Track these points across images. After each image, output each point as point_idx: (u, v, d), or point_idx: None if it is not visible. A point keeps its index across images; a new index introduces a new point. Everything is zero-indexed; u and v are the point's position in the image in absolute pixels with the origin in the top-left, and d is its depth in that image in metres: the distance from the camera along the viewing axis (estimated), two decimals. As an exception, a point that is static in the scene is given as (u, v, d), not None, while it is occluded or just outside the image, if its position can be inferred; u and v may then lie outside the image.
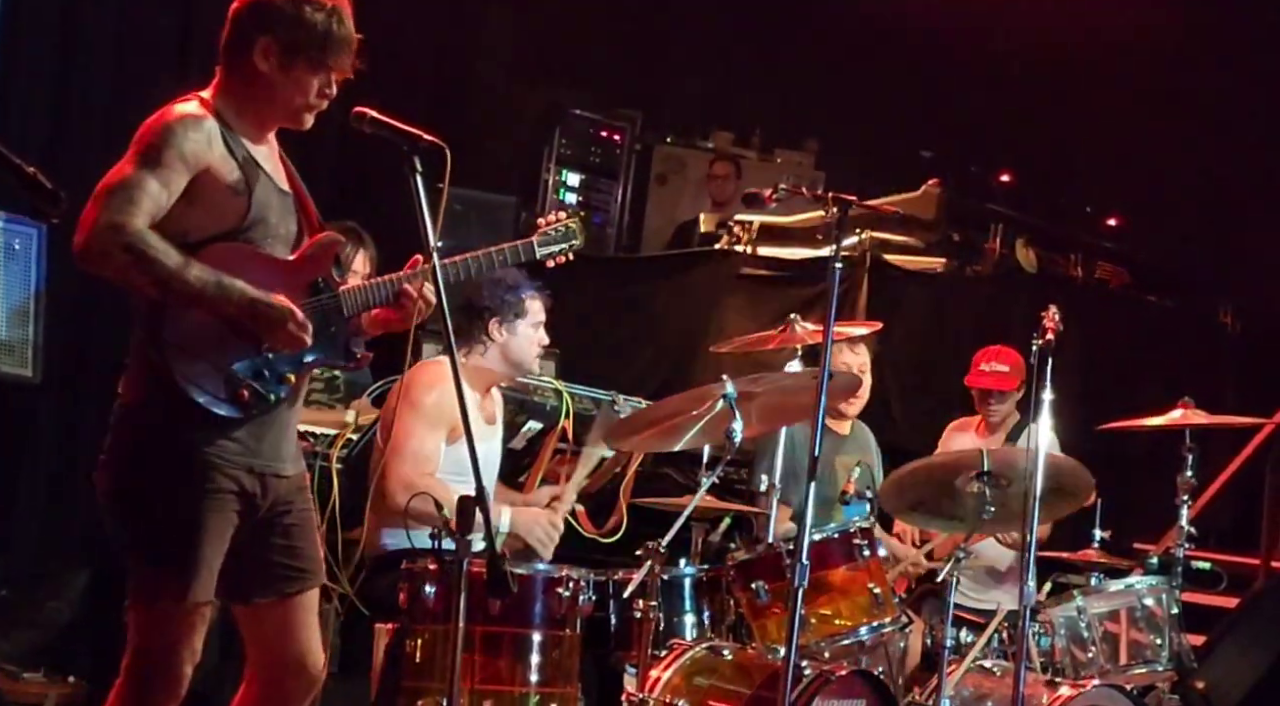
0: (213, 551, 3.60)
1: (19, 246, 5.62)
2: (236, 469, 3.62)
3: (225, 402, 3.56)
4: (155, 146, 3.55)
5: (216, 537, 3.60)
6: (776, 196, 4.79)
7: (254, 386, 3.57)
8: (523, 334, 5.22)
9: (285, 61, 3.64)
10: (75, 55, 7.07)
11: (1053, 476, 4.93)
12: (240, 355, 3.57)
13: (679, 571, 4.98)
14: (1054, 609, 5.57)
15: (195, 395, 3.53)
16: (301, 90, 3.67)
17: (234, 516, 3.64)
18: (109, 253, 3.48)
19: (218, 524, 3.60)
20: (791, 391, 4.91)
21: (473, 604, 4.05)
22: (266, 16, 3.65)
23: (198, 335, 3.54)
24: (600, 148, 9.92)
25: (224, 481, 3.60)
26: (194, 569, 3.56)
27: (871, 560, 4.94)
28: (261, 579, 3.76)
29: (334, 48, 3.65)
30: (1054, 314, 4.88)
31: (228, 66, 3.70)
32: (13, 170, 2.53)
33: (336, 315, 3.74)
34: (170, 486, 3.57)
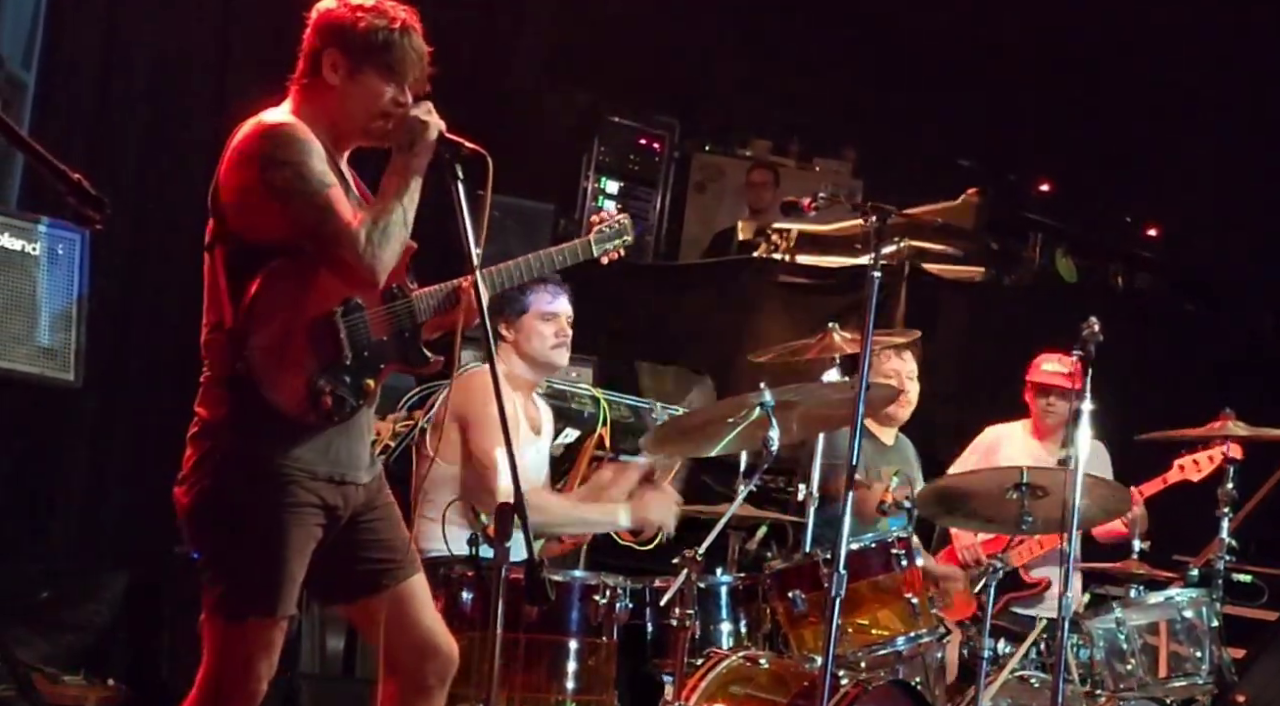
0: (295, 566, 3.61)
1: (62, 252, 5.65)
2: (317, 480, 3.63)
3: (308, 411, 3.57)
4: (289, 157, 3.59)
5: (298, 552, 3.61)
6: (815, 205, 4.80)
7: (336, 394, 3.59)
8: (530, 328, 5.15)
9: (353, 69, 3.68)
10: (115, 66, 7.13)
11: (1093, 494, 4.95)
12: (322, 363, 3.59)
13: (716, 579, 4.97)
14: (1093, 621, 5.54)
15: (280, 403, 3.54)
16: (373, 98, 3.69)
17: (317, 530, 3.65)
18: (376, 259, 3.57)
19: (300, 538, 3.61)
20: (829, 401, 4.90)
21: (509, 610, 4.07)
22: (332, 30, 3.70)
23: (282, 344, 3.56)
24: (639, 155, 9.93)
25: (305, 495, 3.61)
26: (277, 584, 3.57)
27: (909, 570, 4.92)
28: (359, 579, 3.78)
29: (400, 55, 3.68)
30: (1094, 324, 4.86)
31: (302, 83, 3.75)
32: (59, 176, 2.55)
33: (410, 320, 3.77)
34: (252, 502, 3.58)
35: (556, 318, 5.19)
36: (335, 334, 3.61)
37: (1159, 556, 6.11)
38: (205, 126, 7.16)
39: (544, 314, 5.15)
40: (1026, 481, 5.08)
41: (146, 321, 6.89)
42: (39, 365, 5.58)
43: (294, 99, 3.75)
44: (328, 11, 3.74)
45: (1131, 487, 5.76)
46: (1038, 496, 5.10)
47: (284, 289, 3.58)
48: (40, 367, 5.57)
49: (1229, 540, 5.82)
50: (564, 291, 5.24)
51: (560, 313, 5.20)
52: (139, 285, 6.91)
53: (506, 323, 5.16)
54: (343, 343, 3.61)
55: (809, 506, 5.26)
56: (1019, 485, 5.09)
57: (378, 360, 3.69)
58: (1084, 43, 9.85)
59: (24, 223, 5.62)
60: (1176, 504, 6.40)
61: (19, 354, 5.53)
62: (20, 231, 5.58)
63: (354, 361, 3.63)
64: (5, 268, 5.53)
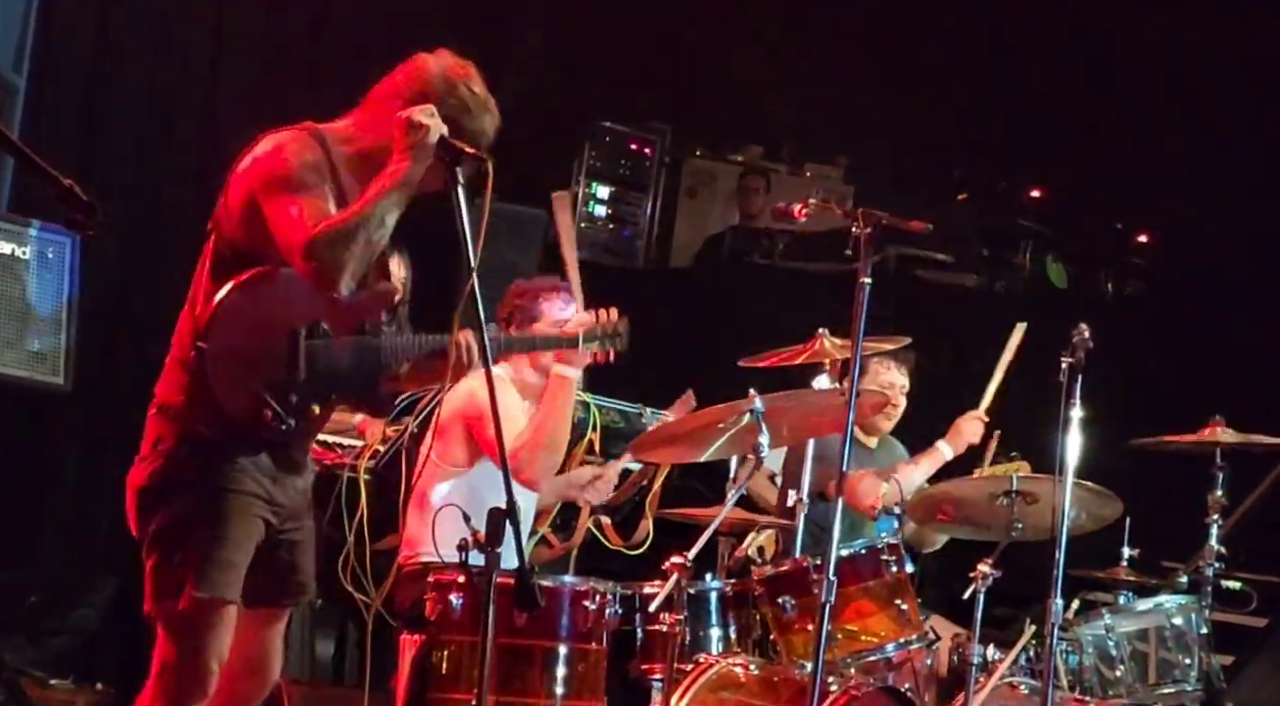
0: (237, 551, 3.64)
1: (52, 255, 5.65)
2: (263, 474, 3.67)
3: (247, 420, 3.59)
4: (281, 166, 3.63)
5: (242, 538, 3.64)
6: (806, 211, 4.80)
7: (278, 411, 3.59)
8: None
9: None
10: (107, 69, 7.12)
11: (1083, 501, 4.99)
12: (273, 377, 3.60)
13: (705, 585, 4.97)
14: (1082, 627, 5.55)
15: (222, 405, 3.58)
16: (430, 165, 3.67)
17: (259, 522, 3.69)
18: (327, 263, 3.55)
19: (243, 524, 3.65)
20: (819, 407, 4.91)
21: (499, 616, 4.06)
22: (423, 85, 3.72)
23: (238, 350, 3.58)
24: (630, 161, 9.92)
25: (251, 485, 3.66)
26: (218, 562, 3.60)
27: (899, 575, 4.93)
28: (265, 588, 3.80)
29: (471, 126, 3.73)
30: (1084, 331, 4.87)
31: (364, 113, 3.77)
32: (49, 181, 2.56)
33: (374, 359, 3.76)
34: (199, 484, 3.62)
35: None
36: (295, 351, 3.61)
37: (1148, 563, 6.11)
38: (197, 130, 7.16)
39: (556, 323, 5.11)
40: (1016, 488, 5.12)
41: (137, 325, 6.88)
42: (29, 369, 5.59)
43: (359, 123, 3.77)
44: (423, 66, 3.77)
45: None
46: (1028, 503, 5.13)
47: (254, 297, 3.60)
48: (30, 371, 5.58)
49: (1218, 547, 5.83)
50: (574, 302, 5.23)
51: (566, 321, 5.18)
52: (130, 289, 6.90)
53: (519, 331, 5.14)
54: (299, 361, 3.61)
55: (799, 512, 5.26)
56: (1009, 492, 5.12)
57: (329, 388, 3.69)
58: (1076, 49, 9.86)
59: (14, 226, 5.63)
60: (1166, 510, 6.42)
61: (9, 357, 5.54)
62: (10, 235, 5.58)
63: (305, 383, 3.62)
64: (-5, 271, 5.54)
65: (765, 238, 9.42)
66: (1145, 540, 5.93)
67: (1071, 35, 9.81)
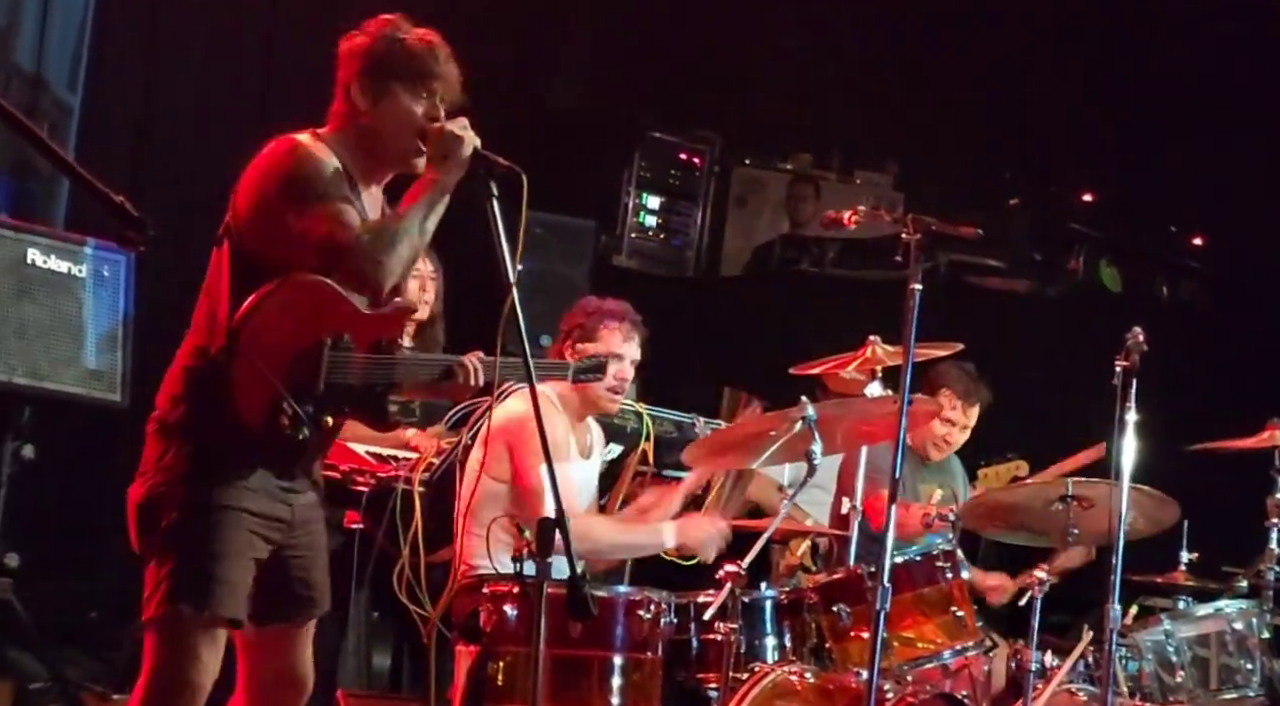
0: (233, 567, 3.61)
1: (108, 273, 5.70)
2: (265, 492, 3.66)
3: (265, 424, 3.57)
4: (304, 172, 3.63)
5: (238, 554, 3.62)
6: (856, 218, 4.80)
7: (296, 417, 3.58)
8: None
9: (379, 92, 3.71)
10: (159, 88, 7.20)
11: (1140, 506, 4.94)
12: (294, 385, 3.58)
13: (760, 593, 4.96)
14: (1141, 633, 5.51)
15: (241, 408, 3.55)
16: (405, 117, 3.70)
17: (259, 541, 3.67)
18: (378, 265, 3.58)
19: (239, 541, 3.62)
20: (871, 414, 4.90)
21: (554, 626, 4.07)
22: (355, 57, 3.74)
23: (265, 355, 3.56)
24: (680, 170, 9.92)
25: (251, 502, 3.64)
26: (211, 579, 3.58)
27: (954, 582, 4.91)
28: (276, 604, 3.79)
29: (424, 69, 3.71)
30: (1138, 334, 4.84)
31: (336, 113, 3.78)
32: (101, 198, 2.58)
33: (385, 377, 3.76)
34: (197, 501, 3.60)
35: (621, 361, 5.15)
36: (318, 362, 3.60)
37: (1207, 567, 6.06)
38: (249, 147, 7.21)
39: (610, 353, 5.11)
40: (1072, 493, 5.08)
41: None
42: (86, 386, 5.64)
43: (331, 125, 3.78)
44: (349, 39, 3.78)
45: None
46: (1084, 508, 5.10)
47: (287, 304, 3.59)
48: (87, 389, 5.63)
49: (1278, 550, 5.78)
50: (638, 334, 5.22)
51: (626, 356, 5.18)
52: (185, 305, 6.95)
53: (573, 349, 5.15)
54: (321, 372, 3.61)
55: (853, 520, 5.25)
56: (1065, 497, 5.08)
57: (344, 401, 3.68)
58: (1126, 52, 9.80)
59: (70, 245, 5.68)
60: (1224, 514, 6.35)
61: (67, 376, 5.59)
62: (66, 253, 5.64)
63: (324, 394, 3.62)
64: (52, 290, 5.59)
65: (815, 246, 9.40)
66: (1204, 544, 5.87)
67: (1121, 36, 9.74)
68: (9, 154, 6.81)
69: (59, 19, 6.98)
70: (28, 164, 6.86)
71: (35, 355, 5.55)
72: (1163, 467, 5.99)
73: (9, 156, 6.82)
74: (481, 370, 3.87)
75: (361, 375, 3.69)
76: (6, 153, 6.80)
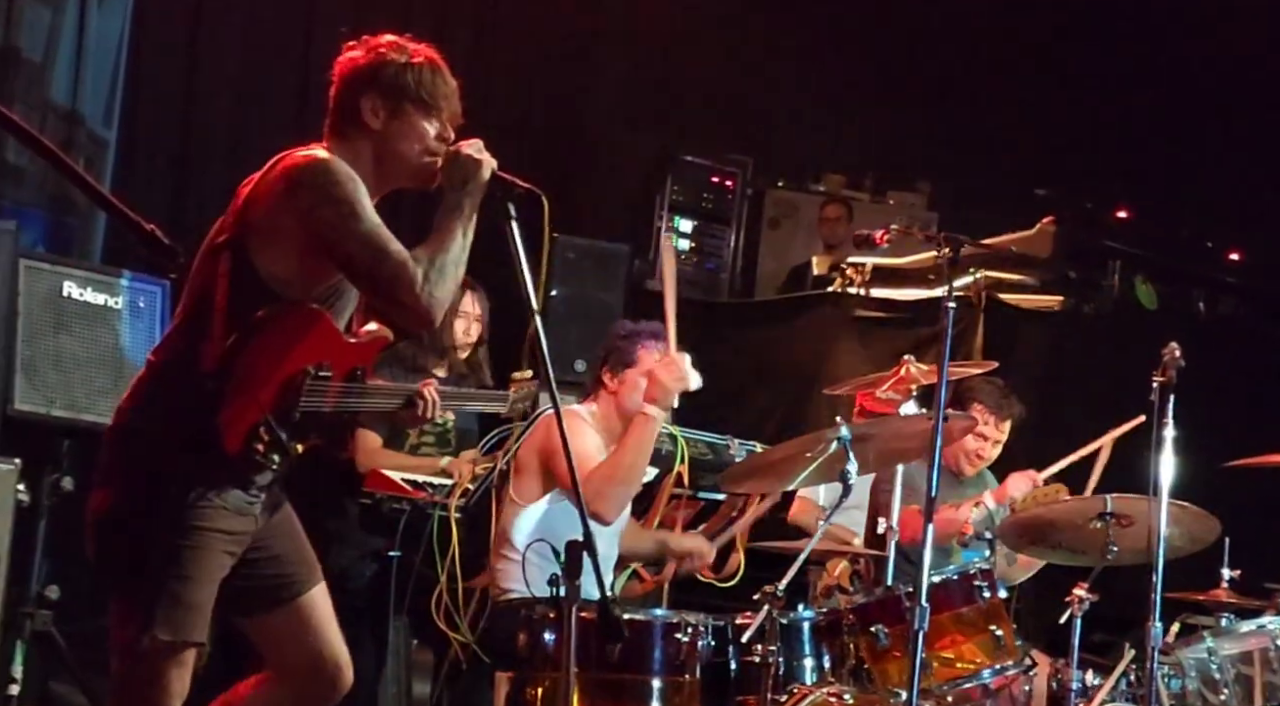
0: (203, 591, 3.53)
1: (143, 305, 5.74)
2: (229, 511, 3.57)
3: (240, 447, 3.50)
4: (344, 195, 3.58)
5: (208, 578, 3.54)
6: (888, 237, 4.80)
7: (270, 443, 3.53)
8: (634, 383, 5.10)
9: (394, 110, 3.68)
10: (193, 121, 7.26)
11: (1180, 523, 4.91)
12: (276, 412, 3.53)
13: (798, 615, 4.94)
14: (1183, 650, 5.46)
15: (223, 428, 3.47)
16: (418, 135, 3.69)
17: (226, 558, 3.59)
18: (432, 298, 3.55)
19: (210, 564, 3.54)
20: (906, 432, 4.88)
21: (592, 650, 4.07)
22: (364, 75, 3.70)
23: (256, 380, 3.51)
24: (712, 193, 9.95)
25: (220, 521, 3.55)
26: (184, 604, 3.49)
27: (992, 601, 4.88)
28: (253, 595, 3.74)
29: (433, 89, 3.69)
30: (1174, 350, 4.82)
31: (340, 133, 3.73)
32: (132, 227, 2.60)
33: (355, 405, 3.75)
34: (164, 519, 3.50)
35: None
36: (299, 390, 3.55)
37: (1249, 584, 6.01)
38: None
39: (649, 373, 5.09)
40: (1111, 510, 5.06)
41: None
42: (123, 417, 5.66)
43: (328, 145, 3.72)
44: (353, 60, 3.74)
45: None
46: (1123, 525, 5.07)
47: (287, 330, 3.55)
48: (124, 419, 5.65)
49: (1322, 565, 5.73)
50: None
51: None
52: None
53: (611, 373, 5.15)
54: (300, 400, 3.56)
55: (889, 540, 5.24)
56: (1103, 514, 5.06)
57: (313, 429, 3.64)
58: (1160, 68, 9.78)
59: (106, 277, 5.73)
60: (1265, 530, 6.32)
61: (103, 406, 5.62)
62: (103, 285, 5.68)
63: (299, 422, 3.58)
64: (89, 321, 5.63)
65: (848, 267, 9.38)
66: (1245, 561, 5.83)
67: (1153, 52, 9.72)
68: (46, 190, 6.88)
69: (93, 54, 7.05)
70: (65, 200, 6.93)
71: (73, 387, 5.59)
72: (1202, 484, 5.96)
73: (46, 193, 6.89)
74: (438, 402, 3.90)
75: (334, 403, 3.65)
76: (44, 189, 6.87)
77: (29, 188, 6.87)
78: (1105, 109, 10.17)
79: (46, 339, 5.55)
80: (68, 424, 5.59)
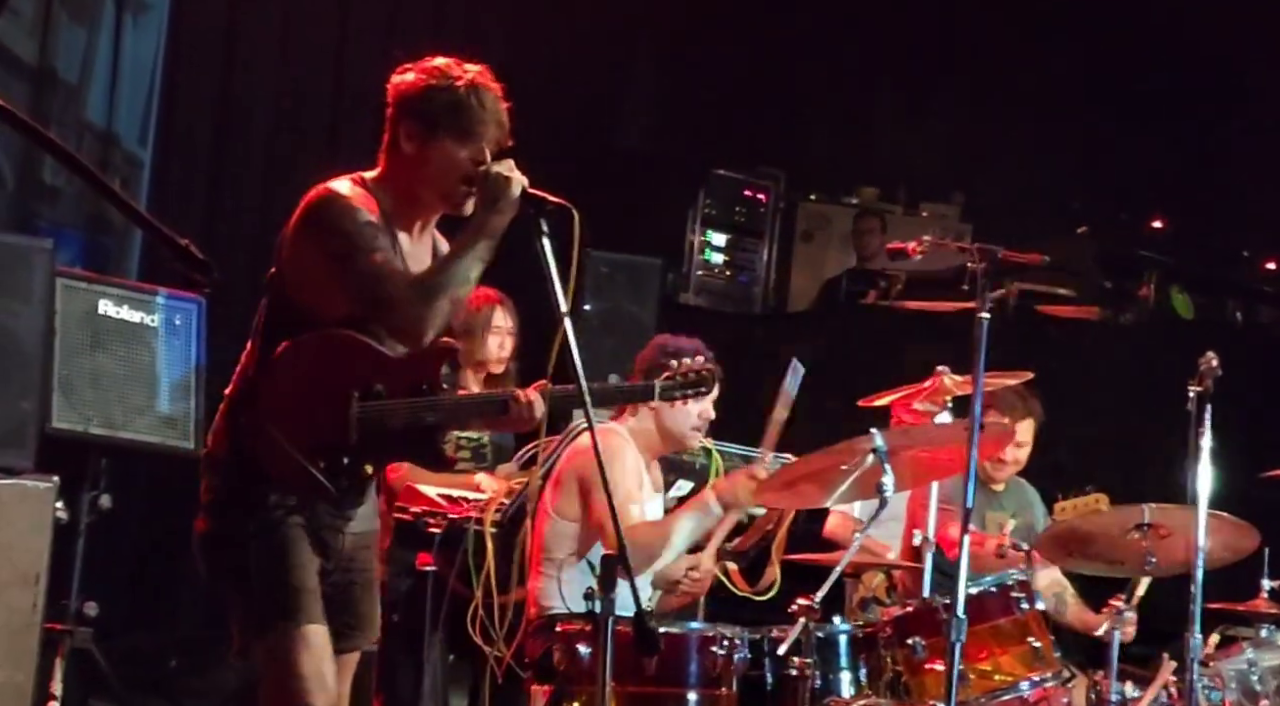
0: (305, 575, 3.63)
1: (179, 322, 5.78)
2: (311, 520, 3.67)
3: (296, 482, 3.60)
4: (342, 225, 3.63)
5: (306, 561, 3.64)
6: (921, 249, 4.79)
7: (329, 472, 3.59)
8: (678, 402, 5.04)
9: (426, 137, 3.69)
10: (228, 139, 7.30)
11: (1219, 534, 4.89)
12: (324, 441, 3.60)
13: (834, 627, 4.93)
14: (1223, 662, 5.42)
15: (268, 467, 3.60)
16: (450, 164, 3.69)
17: (314, 552, 3.68)
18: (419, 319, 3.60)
19: (303, 550, 3.64)
20: (942, 444, 4.86)
21: (627, 664, 4.07)
22: (403, 100, 3.73)
23: (294, 414, 3.59)
24: (745, 207, 9.95)
25: (301, 519, 3.66)
26: (293, 589, 3.60)
27: (1030, 613, 4.85)
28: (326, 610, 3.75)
29: (473, 117, 3.68)
30: (1211, 359, 4.79)
31: (386, 155, 3.78)
32: (165, 242, 2.62)
33: (431, 417, 3.74)
34: (254, 525, 3.63)
35: (705, 397, 5.14)
36: (347, 416, 3.61)
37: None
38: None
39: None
40: (1149, 521, 5.02)
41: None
42: (160, 434, 5.70)
43: (380, 168, 3.78)
44: (399, 83, 3.77)
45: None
46: (1161, 536, 5.03)
47: (308, 360, 3.61)
48: (161, 436, 5.69)
49: (1363, 575, 5.68)
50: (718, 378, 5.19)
51: (711, 396, 5.17)
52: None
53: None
54: (351, 427, 3.61)
55: (925, 552, 5.22)
56: (1141, 525, 5.02)
57: (382, 450, 3.69)
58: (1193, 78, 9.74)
59: (142, 295, 5.77)
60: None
61: (140, 424, 5.66)
62: (139, 303, 5.72)
63: (359, 444, 3.62)
64: (125, 339, 5.67)
65: (882, 278, 9.37)
66: (1285, 570, 5.78)
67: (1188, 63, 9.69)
68: (82, 210, 6.93)
69: (128, 75, 7.10)
70: (101, 219, 6.98)
71: (110, 405, 5.62)
72: (1241, 494, 5.92)
73: (82, 213, 6.94)
74: (539, 402, 3.83)
75: (403, 419, 3.67)
76: (80, 209, 6.92)
77: (65, 207, 6.92)
78: (1140, 119, 10.13)
79: (83, 357, 5.58)
80: (105, 441, 5.62)
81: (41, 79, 6.75)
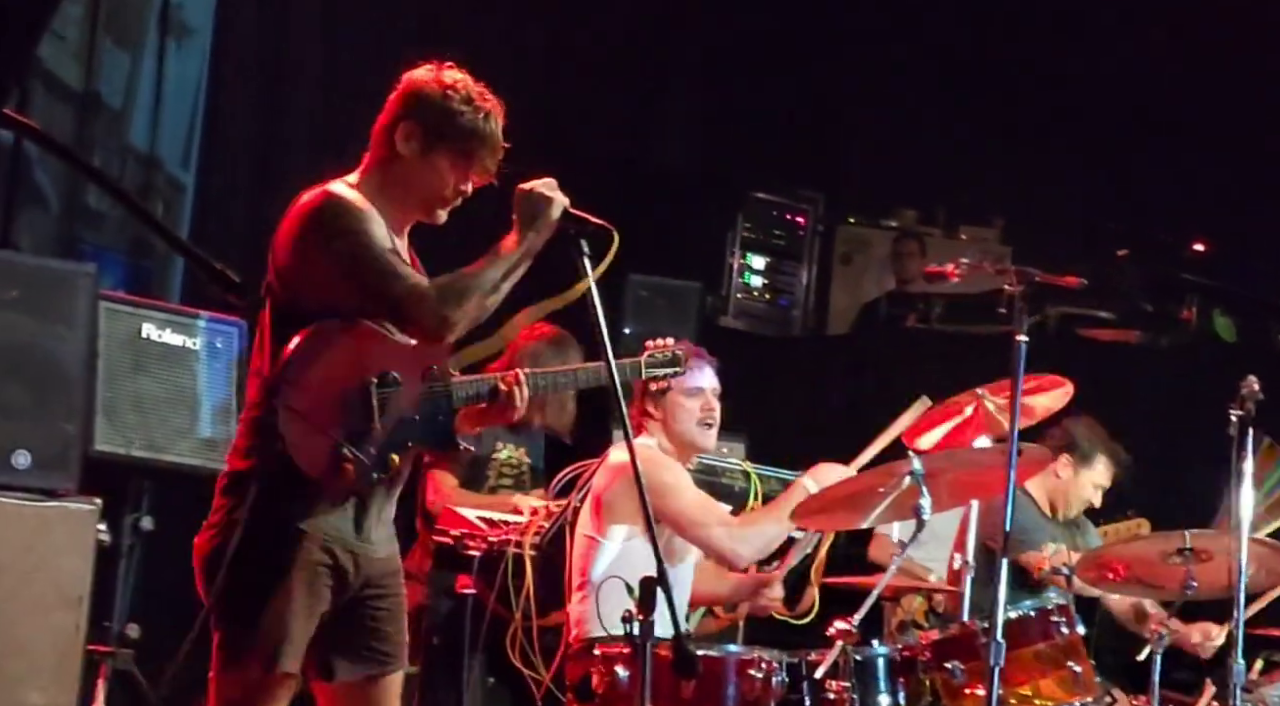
0: (301, 623, 3.58)
1: (220, 345, 5.81)
2: (332, 543, 3.62)
3: (329, 476, 3.54)
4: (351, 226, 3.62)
5: (305, 609, 3.59)
6: (959, 272, 4.79)
7: (360, 462, 3.54)
8: (676, 404, 5.09)
9: (426, 146, 3.69)
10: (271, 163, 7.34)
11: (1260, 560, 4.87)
12: (350, 430, 3.55)
13: (872, 651, 4.91)
14: (1267, 687, 5.40)
15: (301, 464, 3.52)
16: (439, 179, 3.69)
17: (326, 592, 3.63)
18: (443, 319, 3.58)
19: (309, 600, 3.59)
20: (981, 467, 4.85)
21: (666, 687, 4.07)
22: (415, 101, 3.71)
23: (311, 406, 3.54)
24: (784, 230, 9.94)
25: (319, 554, 3.60)
26: (280, 638, 3.55)
27: (1071, 637, 4.83)
28: (348, 657, 3.74)
29: (477, 143, 3.68)
30: (1253, 383, 4.77)
31: (373, 150, 3.76)
32: (200, 264, 2.65)
33: (445, 403, 3.74)
34: (266, 553, 3.56)
35: (701, 392, 5.12)
36: (368, 403, 3.56)
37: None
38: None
39: (688, 390, 5.08)
40: (1190, 546, 4.99)
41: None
42: (201, 457, 5.73)
43: (363, 166, 3.77)
44: (418, 80, 3.74)
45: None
46: (1201, 560, 5.01)
47: (322, 351, 3.57)
48: (203, 459, 5.72)
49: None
50: (709, 364, 5.17)
51: (705, 387, 5.12)
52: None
53: (653, 401, 5.14)
54: (374, 412, 3.57)
55: (965, 575, 5.20)
56: (1182, 550, 5.00)
57: (405, 437, 3.65)
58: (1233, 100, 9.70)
59: (184, 318, 5.81)
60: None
61: (182, 446, 5.70)
62: (181, 327, 5.76)
63: (383, 433, 3.58)
64: (167, 362, 5.71)
65: (921, 302, 9.36)
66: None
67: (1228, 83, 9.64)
68: (126, 234, 6.98)
69: (172, 99, 7.16)
70: (144, 243, 7.03)
71: (152, 427, 5.66)
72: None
73: (126, 236, 7.00)
74: (525, 384, 3.82)
75: (418, 406, 3.66)
76: (124, 233, 6.97)
77: (109, 231, 6.98)
78: (1179, 142, 10.08)
79: (126, 380, 5.62)
80: (147, 464, 5.66)
81: (86, 103, 6.81)
